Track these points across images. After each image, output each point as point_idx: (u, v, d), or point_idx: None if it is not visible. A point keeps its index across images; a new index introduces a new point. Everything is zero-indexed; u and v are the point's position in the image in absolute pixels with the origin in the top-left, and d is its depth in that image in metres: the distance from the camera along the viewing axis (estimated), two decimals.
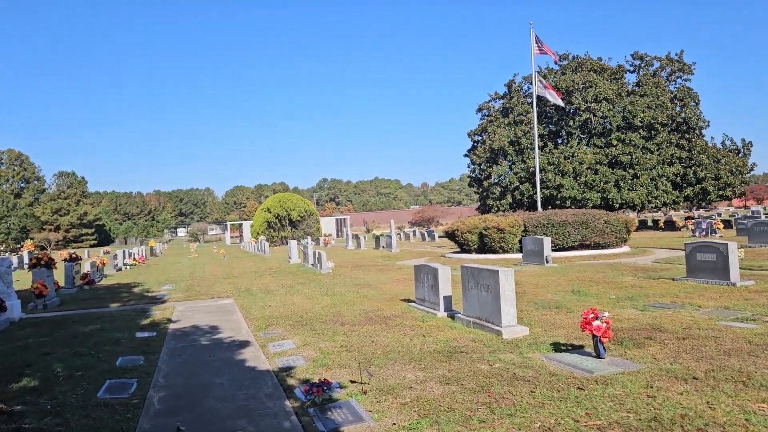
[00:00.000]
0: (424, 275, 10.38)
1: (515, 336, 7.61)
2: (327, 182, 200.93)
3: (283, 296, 13.71)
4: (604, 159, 42.71)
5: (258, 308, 11.90)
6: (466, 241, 23.87)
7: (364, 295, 13.06)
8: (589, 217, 22.99)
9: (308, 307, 11.65)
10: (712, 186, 42.37)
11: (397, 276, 17.02)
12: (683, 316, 8.31)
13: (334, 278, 17.31)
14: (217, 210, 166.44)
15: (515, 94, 49.06)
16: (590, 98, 43.68)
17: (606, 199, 41.54)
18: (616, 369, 5.80)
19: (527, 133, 44.78)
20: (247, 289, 15.59)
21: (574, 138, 44.69)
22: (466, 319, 8.63)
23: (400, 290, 13.62)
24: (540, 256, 17.80)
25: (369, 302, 11.79)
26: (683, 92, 45.63)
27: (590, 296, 11.05)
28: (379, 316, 10.00)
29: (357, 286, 14.83)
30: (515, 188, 44.70)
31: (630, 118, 42.96)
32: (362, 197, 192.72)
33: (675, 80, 47.44)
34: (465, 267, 8.80)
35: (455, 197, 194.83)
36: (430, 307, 10.12)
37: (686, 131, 45.19)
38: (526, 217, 23.40)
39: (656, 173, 42.51)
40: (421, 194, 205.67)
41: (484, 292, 8.16)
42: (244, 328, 9.75)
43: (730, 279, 11.19)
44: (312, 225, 59.62)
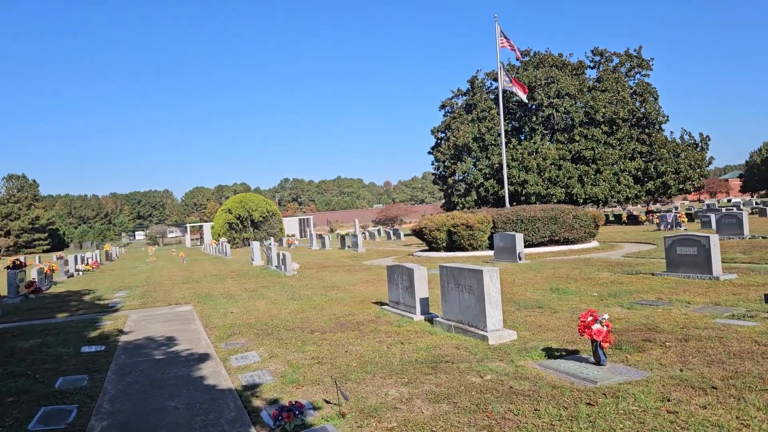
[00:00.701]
0: (399, 276, 9.70)
1: (502, 341, 7.00)
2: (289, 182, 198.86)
3: (246, 301, 12.86)
4: (568, 154, 42.81)
5: (219, 315, 11.05)
6: (435, 239, 23.32)
7: (333, 298, 12.31)
8: (558, 213, 22.71)
9: (274, 312, 10.85)
10: (672, 180, 42.90)
11: (366, 277, 16.32)
12: (676, 315, 7.84)
13: (300, 280, 16.50)
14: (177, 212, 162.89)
15: (478, 91, 48.84)
16: (552, 94, 43.75)
17: (570, 195, 41.63)
18: (621, 378, 5.22)
19: (491, 129, 44.60)
20: (208, 295, 14.67)
21: (538, 134, 44.70)
22: (447, 323, 7.99)
23: (370, 292, 12.92)
24: (512, 253, 17.33)
25: (339, 306, 11.06)
26: (642, 87, 46.13)
27: (571, 294, 10.56)
28: (351, 321, 9.28)
29: (325, 289, 14.08)
30: (480, 185, 44.45)
31: (592, 113, 43.18)
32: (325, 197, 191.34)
33: (634, 76, 47.93)
34: (444, 267, 8.16)
35: (418, 195, 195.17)
36: (405, 311, 9.45)
37: (646, 126, 45.69)
38: (495, 213, 22.99)
39: (618, 168, 42.81)
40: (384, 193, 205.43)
41: (467, 294, 7.52)
42: (203, 339, 8.91)
43: (712, 273, 10.85)
44: (275, 225, 58.41)
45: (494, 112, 45.96)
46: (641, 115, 45.62)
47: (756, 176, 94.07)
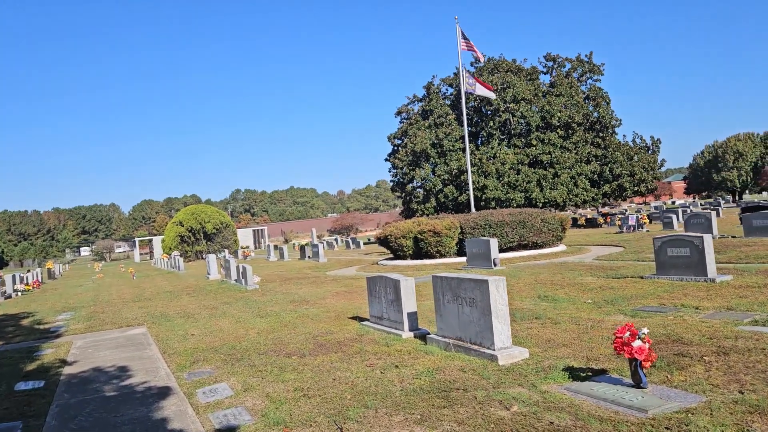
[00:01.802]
0: (381, 288, 8.76)
1: (514, 360, 6.14)
2: (241, 193, 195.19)
3: (208, 321, 11.67)
4: (525, 159, 42.76)
5: (178, 338, 9.86)
6: (401, 247, 22.48)
7: (304, 314, 11.26)
8: (526, 216, 22.22)
9: (240, 333, 9.74)
10: (628, 182, 43.39)
11: (335, 289, 15.30)
12: (692, 322, 7.15)
13: (263, 295, 15.34)
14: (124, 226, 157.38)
15: (434, 96, 48.46)
16: (509, 99, 43.70)
17: (529, 199, 41.53)
18: (674, 404, 4.42)
19: (449, 134, 44.20)
20: (163, 314, 13.37)
21: (495, 139, 44.54)
22: (443, 340, 7.09)
23: (343, 306, 11.92)
24: (486, 259, 16.62)
25: (313, 323, 10.03)
26: (595, 92, 46.63)
27: (563, 302, 9.83)
28: (330, 341, 8.28)
29: (293, 304, 12.99)
30: (439, 191, 43.93)
31: (548, 117, 43.30)
32: (278, 207, 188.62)
33: (586, 81, 48.45)
34: (438, 277, 7.26)
35: (372, 204, 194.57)
36: (390, 327, 8.51)
37: (600, 130, 46.15)
38: (462, 219, 22.33)
39: (575, 172, 43.02)
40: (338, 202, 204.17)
41: (467, 308, 6.65)
42: (162, 368, 7.76)
43: (707, 275, 10.31)
44: (229, 237, 56.56)
45: (451, 118, 45.61)
46: (595, 119, 46.08)
47: (699, 178, 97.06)
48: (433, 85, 49.14)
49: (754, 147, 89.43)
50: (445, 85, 49.43)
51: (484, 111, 45.99)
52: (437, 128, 45.32)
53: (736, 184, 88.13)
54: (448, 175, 43.50)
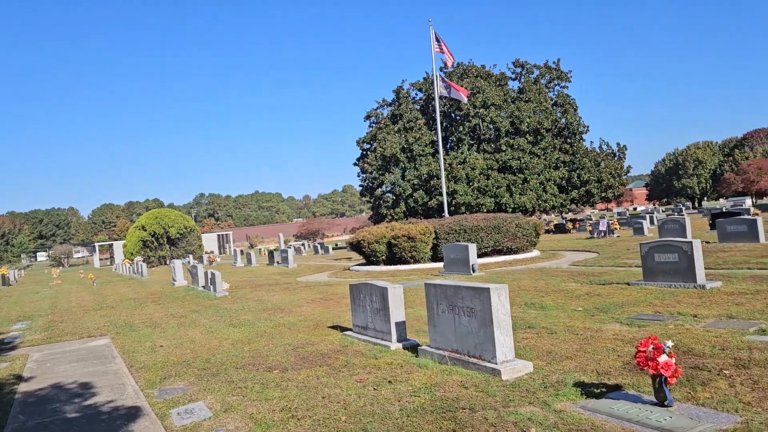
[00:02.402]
0: (367, 296, 8.26)
1: (518, 375, 5.71)
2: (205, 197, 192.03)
3: (177, 330, 10.97)
4: (495, 164, 42.77)
5: (146, 350, 9.17)
6: (374, 252, 21.98)
7: (280, 322, 10.68)
8: (501, 221, 21.98)
9: (214, 344, 9.10)
10: (595, 188, 43.79)
11: (309, 296, 14.72)
12: (697, 332, 6.85)
13: (234, 303, 14.66)
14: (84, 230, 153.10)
15: (404, 101, 48.20)
16: (479, 104, 43.70)
17: (499, 204, 41.52)
18: (708, 426, 4.04)
19: (419, 139, 43.95)
20: (128, 324, 12.60)
21: (465, 144, 44.48)
22: (437, 353, 6.63)
23: (320, 314, 11.37)
24: (465, 265, 16.26)
25: (291, 333, 9.46)
26: (562, 99, 47.03)
27: (553, 309, 9.49)
28: (313, 353, 7.74)
29: (266, 312, 12.38)
30: (409, 196, 43.60)
31: (517, 123, 43.44)
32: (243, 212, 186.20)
33: (554, 87, 48.84)
34: (432, 285, 6.80)
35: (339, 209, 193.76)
36: (376, 338, 8.01)
37: (568, 136, 46.53)
38: (437, 223, 21.97)
39: (544, 177, 43.20)
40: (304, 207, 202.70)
41: (465, 318, 6.20)
42: (129, 385, 7.10)
43: (696, 281, 10.10)
44: (193, 242, 55.21)
45: (421, 123, 45.41)
46: (563, 126, 46.45)
47: (661, 185, 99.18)
48: (403, 89, 48.89)
49: (712, 155, 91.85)
50: (415, 90, 49.26)
51: (454, 116, 45.91)
52: (407, 133, 45.05)
53: (695, 191, 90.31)
54: (418, 180, 43.23)
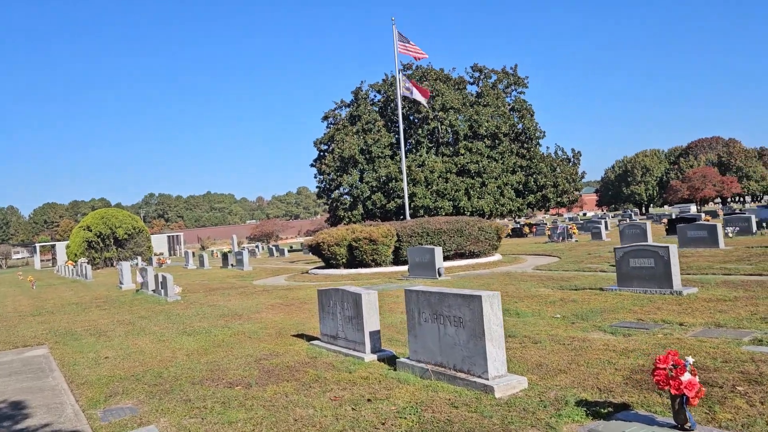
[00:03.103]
0: (337, 303, 7.62)
1: (512, 392, 5.18)
2: (154, 197, 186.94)
3: (124, 339, 10.07)
4: (453, 167, 42.67)
5: (88, 363, 8.28)
6: (334, 255, 21.31)
7: (239, 330, 9.91)
8: (464, 224, 21.64)
9: (166, 355, 8.29)
10: (551, 193, 44.21)
11: (269, 300, 13.94)
12: (691, 342, 6.48)
13: (187, 308, 13.76)
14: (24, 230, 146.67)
15: (362, 102, 47.69)
16: (438, 107, 43.53)
17: (457, 208, 41.41)
18: None
19: (378, 141, 43.48)
20: (69, 332, 11.58)
21: (423, 147, 44.23)
22: (418, 366, 6.05)
23: (282, 321, 10.66)
24: (431, 269, 15.76)
25: (252, 342, 8.72)
26: (519, 104, 47.38)
27: (529, 316, 9.05)
28: (278, 366, 7.05)
29: (223, 318, 11.57)
30: (367, 198, 43.05)
31: (476, 127, 43.49)
32: (194, 212, 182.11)
33: (511, 93, 49.17)
34: (414, 291, 6.22)
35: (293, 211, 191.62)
36: (347, 348, 7.39)
37: (525, 141, 46.89)
38: (399, 226, 21.46)
39: (501, 181, 43.35)
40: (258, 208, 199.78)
41: (452, 328, 5.64)
42: (69, 404, 6.27)
43: (673, 287, 9.85)
44: (142, 243, 53.23)
45: (380, 124, 44.98)
46: (520, 131, 46.79)
47: (610, 192, 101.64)
48: (362, 90, 48.37)
49: (659, 163, 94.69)
50: (374, 91, 48.81)
51: (413, 119, 45.63)
52: (365, 134, 44.52)
53: (643, 198, 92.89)
54: (376, 182, 42.75)
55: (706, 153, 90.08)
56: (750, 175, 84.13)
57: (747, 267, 13.11)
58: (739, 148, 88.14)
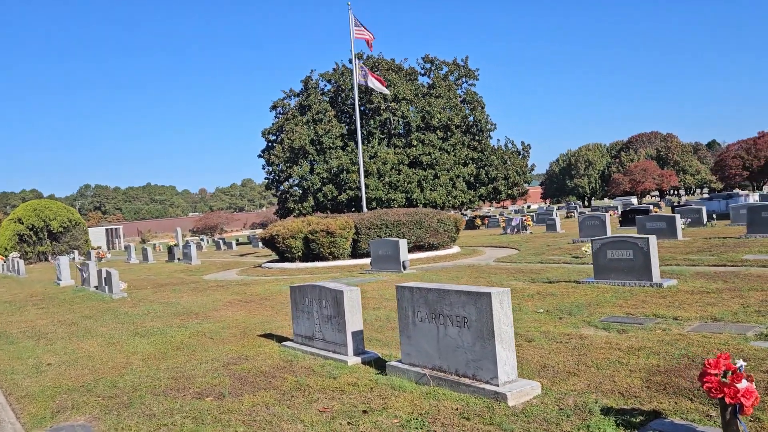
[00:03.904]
0: (314, 301, 6.95)
1: (526, 399, 4.67)
2: (90, 189, 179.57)
3: (68, 342, 9.09)
4: (406, 159, 42.24)
5: (29, 371, 7.34)
6: (289, 248, 20.50)
7: (198, 330, 9.10)
8: (423, 216, 21.22)
9: (119, 361, 7.43)
10: (503, 186, 44.41)
11: (225, 297, 13.08)
12: (695, 338, 6.14)
13: (135, 306, 12.75)
14: None
15: (312, 92, 46.61)
16: (390, 98, 42.95)
17: (410, 200, 41.04)
18: None
19: (329, 131, 42.60)
20: (3, 333, 10.45)
21: (375, 138, 43.61)
22: (413, 371, 5.47)
23: (245, 319, 9.88)
24: (395, 262, 15.23)
25: (216, 344, 7.95)
26: (470, 96, 47.39)
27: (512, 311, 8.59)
28: (251, 371, 6.34)
29: (178, 317, 10.69)
30: (318, 190, 42.13)
31: (428, 118, 43.16)
32: (134, 205, 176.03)
33: (462, 85, 49.11)
34: (407, 288, 5.63)
35: (238, 203, 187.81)
36: (326, 350, 6.74)
37: (476, 133, 46.94)
38: (357, 218, 20.84)
39: (453, 173, 43.22)
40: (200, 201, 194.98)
41: (454, 329, 5.09)
42: (7, 421, 5.41)
43: (652, 279, 9.62)
44: (78, 237, 50.64)
45: (330, 115, 44.09)
46: (471, 123, 46.80)
47: (555, 184, 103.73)
48: (312, 79, 47.29)
49: (601, 156, 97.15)
50: (324, 81, 47.79)
51: (364, 109, 44.91)
52: (316, 125, 43.55)
53: (586, 191, 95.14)
54: (327, 174, 41.89)
55: (646, 147, 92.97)
56: (686, 169, 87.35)
57: (710, 258, 13.14)
58: (677, 143, 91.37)
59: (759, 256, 12.81)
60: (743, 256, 12.89)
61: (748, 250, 13.77)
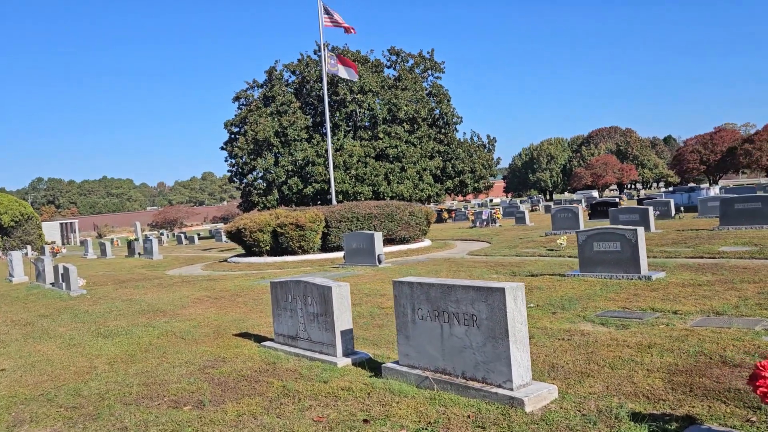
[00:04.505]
0: (298, 297, 6.44)
1: (543, 403, 4.28)
2: (43, 182, 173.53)
3: (23, 345, 8.35)
4: (372, 152, 41.78)
5: None
6: (257, 242, 19.82)
7: (167, 330, 8.47)
8: (394, 209, 20.81)
9: (82, 365, 6.78)
10: (469, 179, 44.36)
11: (193, 293, 12.41)
12: (705, 334, 5.86)
13: (96, 304, 11.97)
14: None
15: (277, 83, 45.63)
16: (356, 89, 42.37)
17: (377, 193, 40.61)
18: None
19: (294, 123, 41.78)
20: None
21: (341, 130, 43.00)
22: (413, 373, 5.03)
23: (216, 317, 9.29)
24: (370, 256, 14.76)
25: (188, 345, 7.36)
26: (436, 89, 47.16)
27: None
28: (230, 376, 5.79)
29: (144, 315, 10.01)
30: (283, 183, 41.32)
31: (395, 110, 42.74)
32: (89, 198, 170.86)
33: (428, 77, 48.83)
34: (406, 283, 5.17)
35: (198, 197, 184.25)
36: (312, 350, 6.24)
37: (443, 126, 46.75)
38: (327, 211, 20.28)
39: (420, 166, 42.93)
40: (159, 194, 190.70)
41: (461, 327, 4.66)
42: None
43: (641, 272, 9.41)
44: (31, 231, 48.60)
45: (295, 106, 43.25)
46: (437, 116, 46.59)
47: (517, 178, 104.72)
48: (276, 70, 46.30)
49: (563, 151, 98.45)
50: (288, 72, 46.88)
51: (330, 101, 44.19)
52: (280, 116, 42.66)
53: (548, 185, 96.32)
54: (292, 167, 41.12)
55: (606, 142, 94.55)
56: (645, 163, 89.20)
57: (687, 250, 13.09)
58: (635, 137, 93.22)
59: (735, 247, 12.81)
60: (719, 248, 12.87)
61: (724, 242, 13.77)
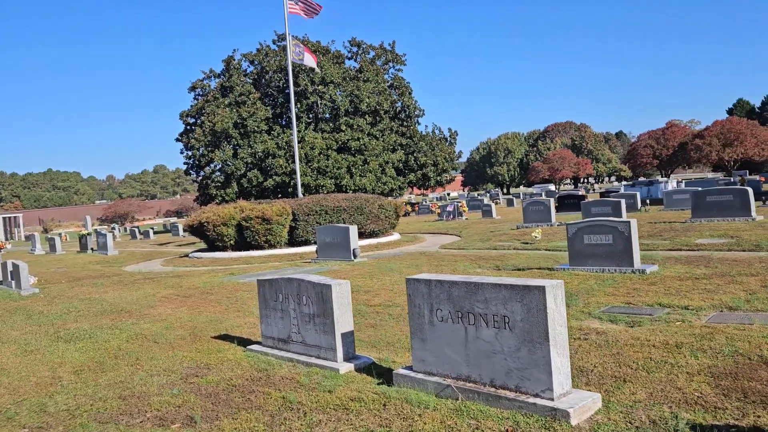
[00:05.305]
0: (290, 297, 5.84)
1: (588, 414, 3.83)
2: None
3: None
4: (334, 144, 41.03)
5: None
6: (220, 236, 18.99)
7: (137, 332, 7.73)
8: (363, 202, 20.28)
9: (43, 375, 6.02)
10: (432, 172, 44.11)
11: (158, 291, 11.59)
12: (731, 332, 5.54)
13: (51, 304, 11.04)
14: None
15: (235, 73, 44.31)
16: (317, 80, 41.52)
17: (339, 186, 39.91)
18: None
19: (253, 114, 40.65)
20: None
21: (302, 122, 42.08)
22: (432, 381, 4.53)
23: (190, 318, 8.58)
24: (344, 250, 14.19)
25: (163, 350, 6.67)
26: (398, 81, 46.71)
27: None
28: (220, 385, 5.17)
29: (107, 316, 9.21)
30: (242, 175, 40.19)
31: (357, 102, 42.09)
32: (34, 192, 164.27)
33: (389, 70, 48.32)
34: (423, 281, 4.65)
35: (150, 190, 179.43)
36: (307, 355, 5.67)
37: (405, 119, 46.35)
38: (295, 204, 19.59)
39: (383, 159, 42.44)
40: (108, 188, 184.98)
41: (491, 330, 4.17)
42: None
43: (633, 265, 9.14)
44: None
45: (254, 97, 42.10)
46: (399, 108, 46.15)
47: (474, 172, 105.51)
48: (234, 60, 44.96)
49: (520, 145, 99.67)
50: (247, 62, 45.60)
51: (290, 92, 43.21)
52: (239, 107, 41.46)
53: (506, 178, 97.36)
54: (252, 159, 40.01)
55: (561, 136, 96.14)
56: (599, 157, 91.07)
57: (664, 242, 13.00)
58: (590, 132, 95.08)
59: (712, 240, 12.79)
60: (696, 240, 12.83)
61: (699, 234, 13.77)
